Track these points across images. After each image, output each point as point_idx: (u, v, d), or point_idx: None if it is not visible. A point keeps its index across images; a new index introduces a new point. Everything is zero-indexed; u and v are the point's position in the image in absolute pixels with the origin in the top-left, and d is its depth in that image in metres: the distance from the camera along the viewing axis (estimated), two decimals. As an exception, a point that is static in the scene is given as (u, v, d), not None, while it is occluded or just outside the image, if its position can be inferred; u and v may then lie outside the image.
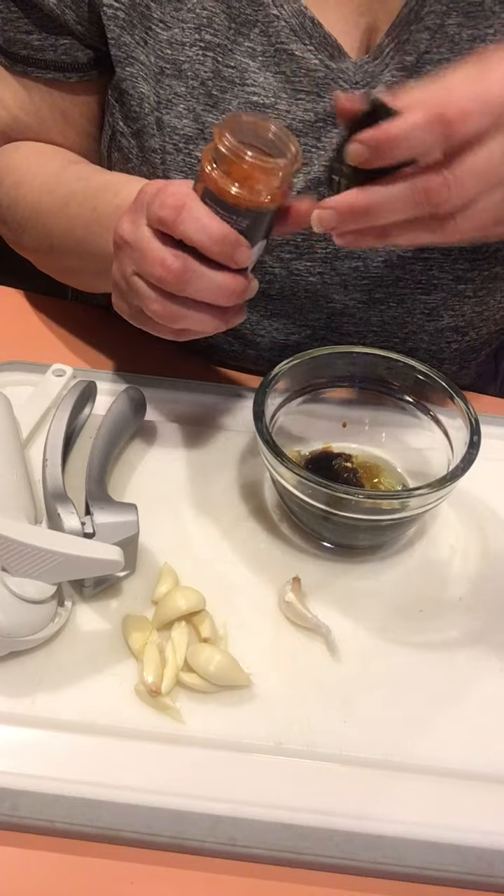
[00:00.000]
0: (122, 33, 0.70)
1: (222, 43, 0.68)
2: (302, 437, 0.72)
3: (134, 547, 0.63)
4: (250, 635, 0.62)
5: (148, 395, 0.74)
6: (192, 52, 0.69)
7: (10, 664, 0.58)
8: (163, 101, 0.70)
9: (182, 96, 0.70)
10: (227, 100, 0.69)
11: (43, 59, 0.75)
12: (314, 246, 0.73)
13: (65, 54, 0.75)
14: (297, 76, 0.69)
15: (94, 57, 0.75)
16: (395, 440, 0.72)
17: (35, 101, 0.79)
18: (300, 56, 0.68)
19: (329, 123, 0.70)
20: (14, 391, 0.74)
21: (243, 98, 0.69)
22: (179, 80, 0.70)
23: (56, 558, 0.56)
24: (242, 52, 0.69)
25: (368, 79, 0.69)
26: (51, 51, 0.75)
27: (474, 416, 0.65)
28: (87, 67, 0.76)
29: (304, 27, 0.68)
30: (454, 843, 0.52)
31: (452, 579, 0.67)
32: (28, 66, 0.76)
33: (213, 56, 0.69)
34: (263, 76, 0.69)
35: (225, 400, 0.78)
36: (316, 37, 0.68)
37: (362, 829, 0.52)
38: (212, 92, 0.69)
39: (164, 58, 0.70)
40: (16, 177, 0.80)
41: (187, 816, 0.52)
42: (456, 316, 0.78)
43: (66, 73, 0.76)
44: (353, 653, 0.61)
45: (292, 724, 0.57)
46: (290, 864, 0.52)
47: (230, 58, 0.69)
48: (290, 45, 0.68)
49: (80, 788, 0.53)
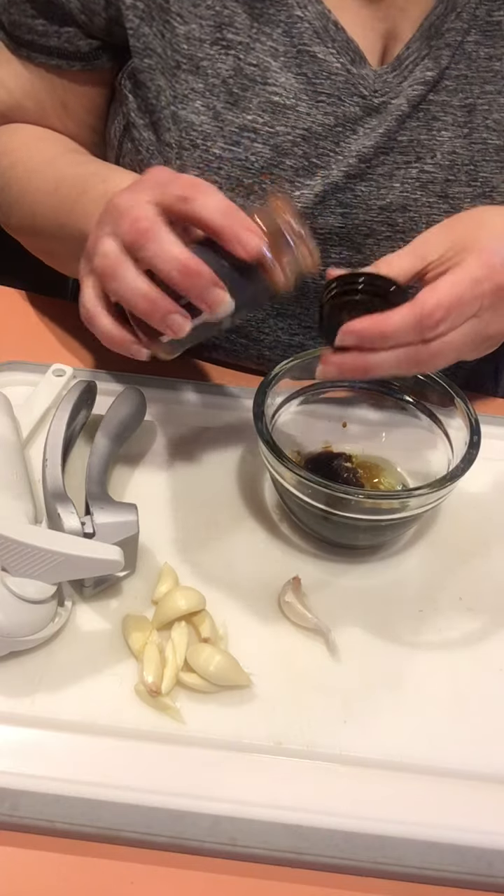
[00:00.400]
0: (140, 24, 0.69)
1: (244, 41, 0.68)
2: (302, 437, 0.72)
3: (134, 547, 0.63)
4: (250, 635, 0.62)
5: (148, 395, 0.74)
6: (213, 49, 0.69)
7: (10, 664, 0.58)
8: (178, 95, 0.70)
9: (200, 92, 0.70)
10: (248, 98, 0.69)
11: (47, 45, 0.74)
12: (328, 251, 0.73)
13: (67, 42, 0.74)
14: (318, 78, 0.69)
15: (97, 47, 0.74)
16: (395, 440, 0.72)
17: (36, 86, 0.78)
18: (322, 59, 0.68)
19: (348, 129, 0.70)
20: (14, 391, 0.74)
21: (264, 97, 0.69)
22: (197, 76, 0.69)
23: (56, 558, 0.56)
24: (264, 52, 0.68)
25: (387, 89, 0.69)
26: (55, 37, 0.74)
27: (474, 416, 0.65)
28: (90, 57, 0.75)
29: (327, 30, 0.68)
30: (454, 843, 0.52)
31: (452, 579, 0.67)
32: (32, 51, 0.75)
33: (235, 54, 0.69)
34: (285, 76, 0.69)
35: (225, 400, 0.78)
36: (339, 40, 0.68)
37: (362, 829, 0.52)
38: (232, 90, 0.69)
39: (181, 52, 0.69)
40: (12, 158, 0.80)
41: (187, 816, 0.52)
42: None
43: (69, 60, 0.75)
44: (353, 653, 0.61)
45: (292, 724, 0.57)
46: (290, 864, 0.52)
47: (252, 56, 0.68)
48: (312, 47, 0.68)
49: (80, 788, 0.53)
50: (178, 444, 0.75)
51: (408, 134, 0.70)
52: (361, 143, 0.70)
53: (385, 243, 0.73)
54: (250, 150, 0.70)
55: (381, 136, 0.70)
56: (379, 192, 0.72)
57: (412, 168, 0.71)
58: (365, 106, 0.70)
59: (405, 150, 0.71)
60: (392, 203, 0.72)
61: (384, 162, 0.71)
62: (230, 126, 0.70)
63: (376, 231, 0.73)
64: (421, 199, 0.72)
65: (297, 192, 0.71)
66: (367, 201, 0.72)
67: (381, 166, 0.71)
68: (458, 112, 0.70)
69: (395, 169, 0.71)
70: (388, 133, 0.70)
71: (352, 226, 0.73)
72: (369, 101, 0.70)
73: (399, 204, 0.72)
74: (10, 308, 0.88)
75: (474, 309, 0.59)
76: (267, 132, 0.70)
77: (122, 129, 0.78)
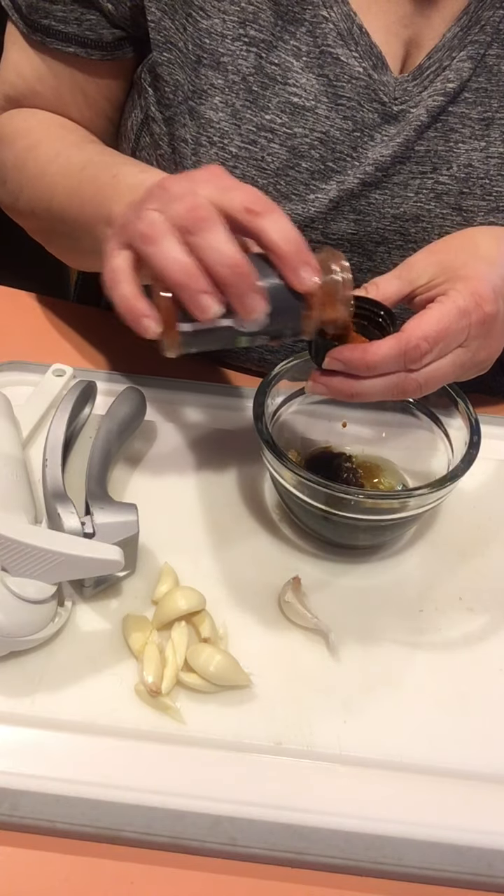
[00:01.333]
0: (162, 17, 0.69)
1: (267, 39, 0.68)
2: (302, 437, 0.72)
3: (134, 547, 0.63)
4: (250, 635, 0.62)
5: (148, 395, 0.74)
6: (235, 46, 0.68)
7: (10, 664, 0.58)
8: (198, 90, 0.69)
9: (219, 88, 0.69)
10: (268, 97, 0.69)
11: (65, 31, 0.72)
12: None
13: (90, 30, 0.72)
14: (339, 81, 0.68)
15: (121, 37, 0.73)
16: (395, 440, 0.72)
17: (55, 73, 0.76)
18: (345, 62, 0.68)
19: (366, 135, 0.69)
20: (14, 391, 0.74)
21: (283, 98, 0.69)
22: (217, 71, 0.69)
23: (56, 558, 0.56)
24: (287, 51, 0.68)
25: (407, 97, 0.69)
26: (74, 24, 0.72)
27: (474, 416, 0.65)
28: (112, 47, 0.73)
29: (351, 33, 0.68)
30: (454, 843, 0.52)
31: (452, 579, 0.67)
32: (48, 37, 0.73)
33: (257, 52, 0.68)
34: (306, 77, 0.68)
35: (225, 400, 0.78)
36: (362, 44, 0.68)
37: (362, 829, 0.52)
38: (252, 88, 0.69)
39: (203, 47, 0.69)
40: (30, 140, 0.78)
41: (187, 816, 0.52)
42: None
43: (88, 49, 0.73)
44: (353, 653, 0.61)
45: (292, 724, 0.57)
46: (290, 864, 0.52)
47: (274, 55, 0.68)
48: (335, 50, 0.68)
49: (80, 788, 0.53)
50: (178, 444, 0.75)
51: (425, 144, 0.70)
52: (379, 150, 0.70)
53: (397, 252, 0.73)
54: (267, 151, 0.70)
55: (398, 146, 0.69)
56: (393, 200, 0.71)
57: (428, 179, 0.71)
58: (384, 113, 0.69)
59: (422, 161, 0.71)
60: (406, 212, 0.72)
61: (400, 171, 0.71)
62: (248, 125, 0.69)
63: (388, 239, 0.73)
64: (435, 210, 0.72)
65: (312, 196, 0.71)
66: (380, 209, 0.72)
67: (397, 175, 0.71)
68: (476, 125, 0.70)
69: (411, 179, 0.71)
70: (406, 142, 0.70)
71: (364, 233, 0.72)
72: (388, 109, 0.69)
73: (413, 214, 0.72)
74: (10, 308, 0.88)
75: (461, 339, 0.59)
76: (285, 133, 0.69)
77: (139, 123, 0.77)
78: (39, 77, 0.77)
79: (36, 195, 0.77)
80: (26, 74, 0.77)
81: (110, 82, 0.77)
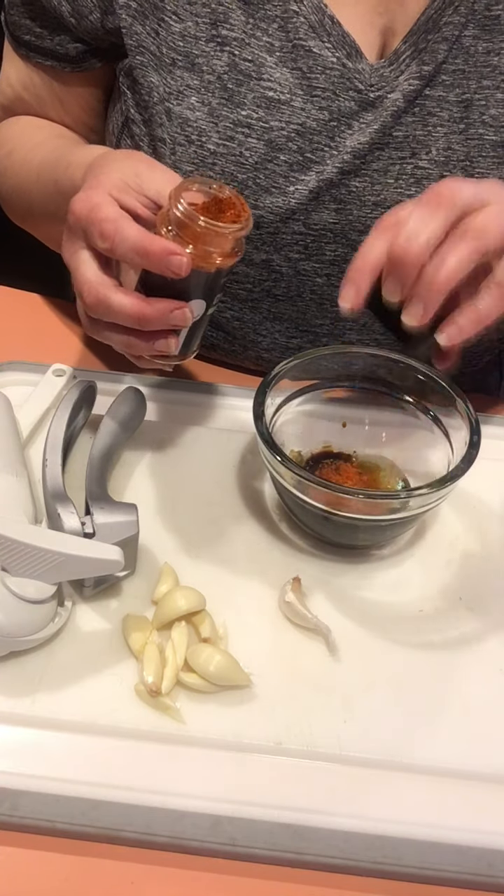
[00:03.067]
0: (133, 22, 0.70)
1: (239, 37, 0.69)
2: (302, 437, 0.72)
3: (134, 547, 0.63)
4: (250, 635, 0.62)
5: (148, 395, 0.74)
6: (209, 47, 0.69)
7: (10, 664, 0.58)
8: (173, 92, 0.70)
9: (195, 89, 0.70)
10: (243, 93, 0.69)
11: (42, 46, 0.77)
12: (323, 248, 0.73)
13: (59, 45, 0.76)
14: (313, 73, 0.69)
15: (84, 51, 0.76)
16: (395, 440, 0.72)
17: (36, 83, 0.81)
18: (318, 53, 0.68)
19: (343, 123, 0.70)
20: (14, 391, 0.74)
21: (258, 92, 0.69)
22: (192, 72, 0.70)
23: (56, 558, 0.56)
24: (260, 47, 0.69)
25: (384, 83, 0.69)
26: (48, 39, 0.76)
27: (474, 416, 0.65)
28: (78, 60, 0.77)
29: (322, 24, 0.68)
30: (454, 843, 0.52)
31: (452, 579, 0.67)
32: (30, 51, 0.78)
33: (230, 50, 0.69)
34: (280, 72, 0.69)
35: (225, 400, 0.78)
36: (335, 35, 0.68)
37: (362, 829, 0.52)
38: (227, 85, 0.69)
39: (176, 49, 0.70)
40: (9, 147, 0.83)
41: (187, 816, 0.52)
42: None
43: (61, 63, 0.78)
44: (353, 653, 0.61)
45: (292, 724, 0.57)
46: (290, 864, 0.52)
47: (247, 51, 0.69)
48: (308, 42, 0.68)
49: (80, 788, 0.53)
50: (179, 444, 0.75)
51: (403, 129, 0.70)
52: (356, 138, 0.70)
53: None
54: (245, 146, 0.70)
55: (375, 132, 0.70)
56: (373, 188, 0.71)
57: (407, 164, 0.71)
58: (360, 100, 0.70)
59: (400, 146, 0.71)
60: (386, 199, 0.72)
61: (379, 157, 0.71)
62: (225, 122, 0.70)
63: (371, 227, 0.73)
64: (416, 195, 0.72)
65: (292, 188, 0.71)
66: (361, 197, 0.72)
67: (376, 162, 0.71)
68: (454, 107, 0.70)
69: (390, 165, 0.71)
70: (384, 128, 0.70)
71: (346, 222, 0.72)
72: (365, 96, 0.69)
73: (394, 200, 0.72)
74: (10, 308, 0.88)
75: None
76: (261, 127, 0.70)
77: (120, 125, 0.79)
78: (24, 86, 0.82)
79: (21, 203, 0.82)
80: (14, 83, 0.82)
81: (83, 92, 0.81)
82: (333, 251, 0.73)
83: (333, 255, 0.73)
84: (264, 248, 0.73)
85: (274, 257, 0.74)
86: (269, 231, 0.72)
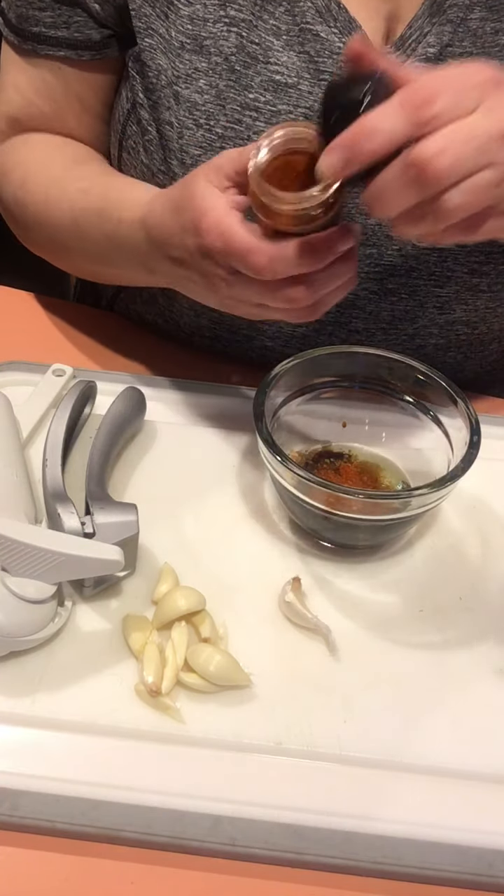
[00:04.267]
0: (143, 4, 0.70)
1: (247, 18, 0.68)
2: (302, 437, 0.72)
3: (134, 547, 0.63)
4: (250, 635, 0.62)
5: (148, 395, 0.74)
6: (217, 28, 0.69)
7: (10, 664, 0.58)
8: (181, 75, 0.70)
9: (203, 72, 0.70)
10: (250, 76, 0.69)
11: (55, 36, 0.75)
12: None
13: (77, 31, 0.74)
14: (320, 57, 0.69)
15: (108, 35, 0.74)
16: (395, 440, 0.72)
17: (49, 82, 0.78)
18: (324, 37, 0.69)
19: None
20: (14, 391, 0.74)
21: (266, 76, 0.69)
22: (201, 55, 0.70)
23: (56, 558, 0.56)
24: (267, 30, 0.69)
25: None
26: (63, 28, 0.74)
27: (474, 416, 0.65)
28: (101, 46, 0.75)
29: (329, 9, 0.68)
30: (454, 843, 0.52)
31: (452, 579, 0.67)
32: (39, 44, 0.75)
33: (238, 31, 0.69)
34: (287, 55, 0.69)
35: (225, 400, 0.78)
36: (341, 20, 0.68)
37: (362, 829, 0.52)
38: (234, 67, 0.69)
39: (185, 33, 0.70)
40: (21, 173, 0.80)
41: (187, 816, 0.52)
42: (468, 310, 0.78)
43: (78, 51, 0.75)
44: (353, 653, 0.61)
45: (292, 724, 0.57)
46: (290, 864, 0.52)
47: (255, 34, 0.69)
48: (315, 26, 0.68)
49: (80, 788, 0.53)
50: (178, 444, 0.75)
51: None
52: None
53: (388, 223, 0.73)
54: (252, 129, 0.70)
55: None
56: None
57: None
58: None
59: None
60: None
61: None
62: (232, 104, 0.70)
63: None
64: None
65: None
66: None
67: None
68: None
69: None
70: None
71: (353, 204, 0.72)
72: None
73: None
74: (10, 308, 0.88)
75: (474, 97, 0.49)
76: (269, 111, 0.70)
77: (126, 112, 0.77)
78: (35, 88, 0.79)
79: (46, 239, 0.81)
80: (23, 88, 0.79)
81: (101, 82, 0.78)
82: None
83: None
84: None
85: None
86: None
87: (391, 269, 0.74)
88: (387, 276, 0.75)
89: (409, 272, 0.75)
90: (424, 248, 0.73)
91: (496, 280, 0.75)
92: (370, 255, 0.74)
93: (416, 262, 0.74)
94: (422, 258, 0.73)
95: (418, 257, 0.73)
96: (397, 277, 0.75)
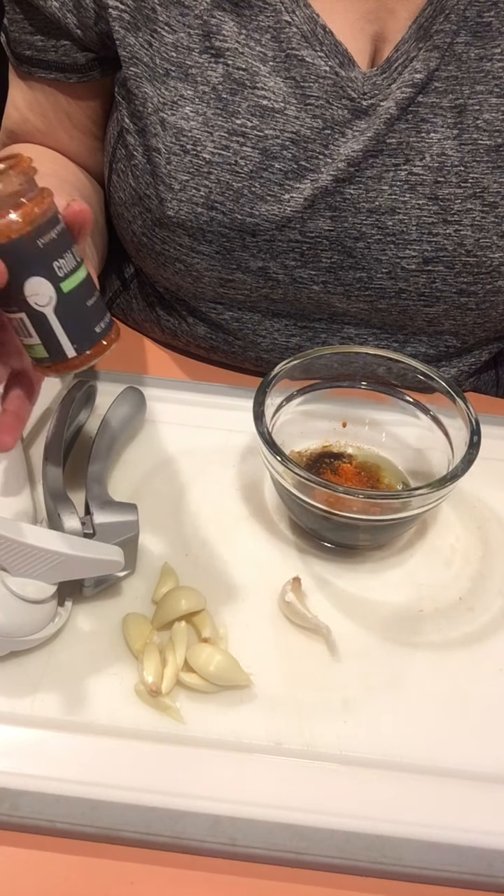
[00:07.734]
0: (126, 34, 0.70)
1: (232, 47, 0.69)
2: (302, 437, 0.72)
3: (134, 547, 0.63)
4: (250, 635, 0.62)
5: (148, 395, 0.74)
6: (203, 58, 0.69)
7: (10, 664, 0.58)
8: (167, 102, 0.71)
9: (189, 99, 0.70)
10: (237, 102, 0.69)
11: (45, 59, 0.76)
12: (319, 255, 0.73)
13: (65, 55, 0.76)
14: (307, 82, 0.69)
15: (93, 58, 0.76)
16: (395, 440, 0.72)
17: (40, 101, 0.80)
18: (311, 62, 0.69)
19: (336, 131, 0.70)
20: (14, 391, 0.74)
21: (253, 101, 0.69)
22: (186, 83, 0.70)
23: (56, 558, 0.56)
24: (253, 56, 0.69)
25: (376, 91, 0.69)
26: (52, 52, 0.76)
27: (474, 416, 0.65)
28: (86, 69, 0.77)
29: (315, 34, 0.68)
30: (454, 843, 0.52)
31: (452, 579, 0.67)
32: (32, 66, 0.77)
33: (224, 61, 0.69)
34: (274, 80, 0.69)
35: (225, 400, 0.78)
36: (327, 44, 0.68)
37: (362, 829, 0.52)
38: (222, 95, 0.69)
39: (170, 60, 0.70)
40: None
41: (187, 816, 0.52)
42: (457, 324, 0.78)
43: (66, 73, 0.77)
44: (353, 653, 0.61)
45: (292, 724, 0.57)
46: (290, 864, 0.52)
47: (241, 59, 0.69)
48: (301, 51, 0.68)
49: (79, 788, 0.53)
50: (178, 444, 0.75)
51: (396, 136, 0.70)
52: (350, 146, 0.70)
53: (376, 246, 0.73)
54: (240, 154, 0.70)
55: (369, 140, 0.70)
56: (368, 194, 0.72)
57: (401, 170, 0.71)
58: (353, 108, 0.70)
59: (394, 153, 0.71)
60: (381, 206, 0.72)
61: (373, 165, 0.71)
62: (220, 131, 0.70)
63: (366, 234, 0.73)
64: (410, 202, 0.72)
65: (287, 196, 0.71)
66: (356, 204, 0.72)
67: (370, 169, 0.71)
68: (447, 113, 0.70)
69: (384, 171, 0.71)
70: (377, 136, 0.70)
71: (341, 229, 0.73)
72: (357, 104, 0.70)
73: (388, 206, 0.72)
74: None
75: None
76: (256, 136, 0.70)
77: (115, 136, 0.79)
78: (29, 105, 0.81)
79: None
80: (19, 104, 0.82)
81: (90, 102, 0.80)
82: (329, 258, 0.73)
83: (329, 262, 0.74)
84: (260, 256, 0.73)
85: (270, 265, 0.74)
86: (265, 239, 0.72)
87: (381, 292, 0.75)
88: (377, 298, 0.75)
89: (398, 293, 0.75)
90: (413, 271, 0.73)
91: (483, 299, 0.75)
92: (360, 279, 0.74)
93: (405, 283, 0.74)
94: (411, 280, 0.74)
95: (407, 279, 0.74)
96: (387, 298, 0.75)
